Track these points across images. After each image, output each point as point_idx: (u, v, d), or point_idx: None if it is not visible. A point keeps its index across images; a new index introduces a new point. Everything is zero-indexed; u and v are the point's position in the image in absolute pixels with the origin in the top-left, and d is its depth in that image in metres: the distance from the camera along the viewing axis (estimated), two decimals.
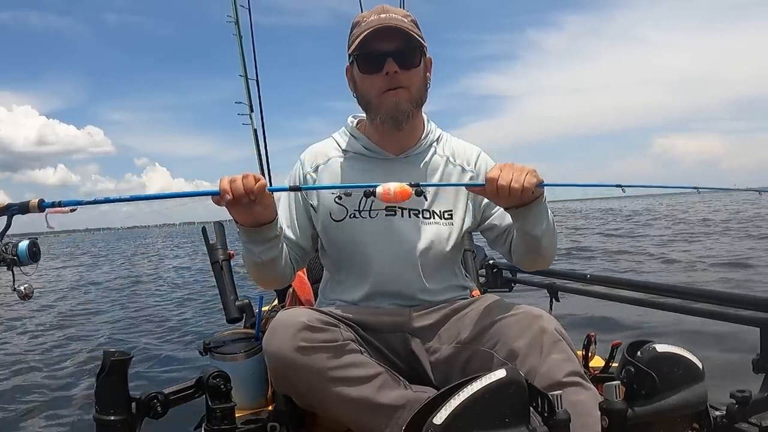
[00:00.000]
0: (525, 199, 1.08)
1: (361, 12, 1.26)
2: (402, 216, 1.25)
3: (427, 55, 1.25)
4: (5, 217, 0.92)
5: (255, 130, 2.66)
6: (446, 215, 1.28)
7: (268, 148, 2.71)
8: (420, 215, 1.26)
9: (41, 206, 0.92)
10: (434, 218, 1.27)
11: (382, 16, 1.19)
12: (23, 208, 0.92)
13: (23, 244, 0.89)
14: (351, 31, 1.23)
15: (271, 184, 1.21)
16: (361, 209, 1.25)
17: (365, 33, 1.16)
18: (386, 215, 1.24)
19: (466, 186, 1.24)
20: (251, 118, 2.64)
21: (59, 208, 0.94)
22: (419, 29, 1.22)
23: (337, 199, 1.26)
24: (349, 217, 1.25)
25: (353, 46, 1.19)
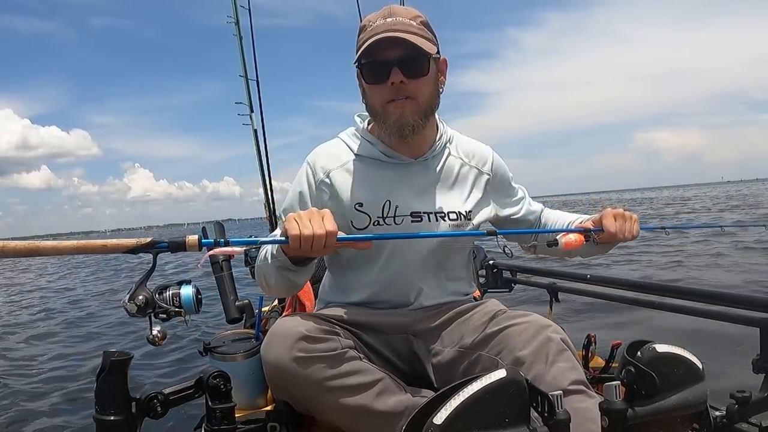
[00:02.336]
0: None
1: (358, 11, 1.22)
2: (429, 221, 1.21)
3: (441, 57, 1.20)
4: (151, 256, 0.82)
5: (255, 131, 2.66)
6: (468, 215, 1.26)
7: (268, 148, 2.72)
8: (446, 218, 1.23)
9: (201, 245, 0.80)
10: (456, 220, 1.24)
11: (389, 20, 1.12)
12: (176, 246, 0.79)
13: (187, 291, 0.86)
14: (358, 36, 1.17)
15: (271, 184, 1.20)
16: (385, 216, 1.20)
17: (369, 41, 1.10)
18: (412, 221, 1.20)
19: (586, 232, 1.17)
20: (251, 119, 2.65)
21: (226, 248, 0.81)
22: (430, 30, 1.16)
23: (357, 206, 1.20)
24: (373, 224, 1.20)
25: (357, 54, 1.14)
